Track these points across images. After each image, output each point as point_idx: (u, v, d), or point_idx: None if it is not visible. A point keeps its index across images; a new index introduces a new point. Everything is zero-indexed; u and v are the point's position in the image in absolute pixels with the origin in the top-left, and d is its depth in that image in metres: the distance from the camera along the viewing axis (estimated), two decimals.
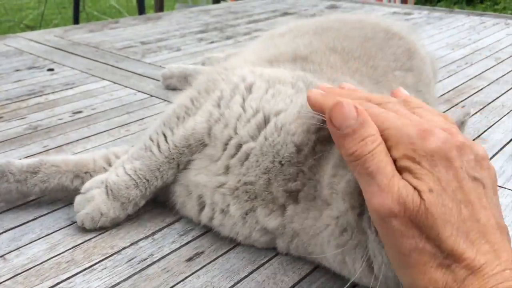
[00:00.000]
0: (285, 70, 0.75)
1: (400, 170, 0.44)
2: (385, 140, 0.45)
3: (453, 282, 0.40)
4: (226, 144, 0.67)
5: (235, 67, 0.77)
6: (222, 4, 2.92)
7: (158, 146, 0.72)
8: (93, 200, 0.69)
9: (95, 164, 0.78)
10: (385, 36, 0.93)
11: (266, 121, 0.65)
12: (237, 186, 0.65)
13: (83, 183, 0.75)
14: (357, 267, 0.56)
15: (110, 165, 0.78)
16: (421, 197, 0.41)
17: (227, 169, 0.67)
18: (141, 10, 3.87)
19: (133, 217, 0.75)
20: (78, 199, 0.71)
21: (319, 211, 0.60)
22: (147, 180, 0.71)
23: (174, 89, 1.32)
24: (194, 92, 0.75)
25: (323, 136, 0.61)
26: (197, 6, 3.68)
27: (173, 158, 0.71)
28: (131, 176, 0.70)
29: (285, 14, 2.48)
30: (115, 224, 0.72)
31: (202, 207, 0.70)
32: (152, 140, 0.73)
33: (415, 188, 0.42)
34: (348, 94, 0.52)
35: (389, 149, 0.44)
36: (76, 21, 3.97)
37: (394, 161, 0.44)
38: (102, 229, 0.72)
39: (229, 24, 2.21)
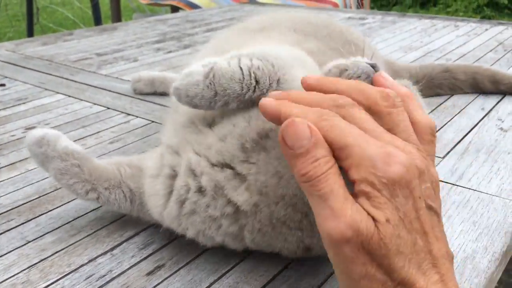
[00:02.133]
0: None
1: (358, 193, 0.43)
2: (346, 158, 0.44)
3: None
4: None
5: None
6: (179, 13, 2.90)
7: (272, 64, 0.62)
8: (189, 77, 0.59)
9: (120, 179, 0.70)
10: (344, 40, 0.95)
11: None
12: (211, 144, 0.61)
13: (97, 199, 0.69)
14: None
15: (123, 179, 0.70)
16: (377, 226, 0.41)
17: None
18: (97, 21, 3.80)
19: (91, 233, 0.74)
20: (183, 72, 0.60)
21: None
22: (256, 82, 0.59)
23: (140, 93, 1.34)
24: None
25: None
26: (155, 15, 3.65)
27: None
28: (242, 70, 0.59)
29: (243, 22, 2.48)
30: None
31: (171, 190, 0.63)
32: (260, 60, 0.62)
33: (372, 216, 0.42)
34: (310, 100, 0.49)
35: (349, 167, 0.43)
36: (30, 34, 3.87)
37: (353, 182, 0.43)
38: (58, 247, 0.70)
39: (186, 33, 2.20)
